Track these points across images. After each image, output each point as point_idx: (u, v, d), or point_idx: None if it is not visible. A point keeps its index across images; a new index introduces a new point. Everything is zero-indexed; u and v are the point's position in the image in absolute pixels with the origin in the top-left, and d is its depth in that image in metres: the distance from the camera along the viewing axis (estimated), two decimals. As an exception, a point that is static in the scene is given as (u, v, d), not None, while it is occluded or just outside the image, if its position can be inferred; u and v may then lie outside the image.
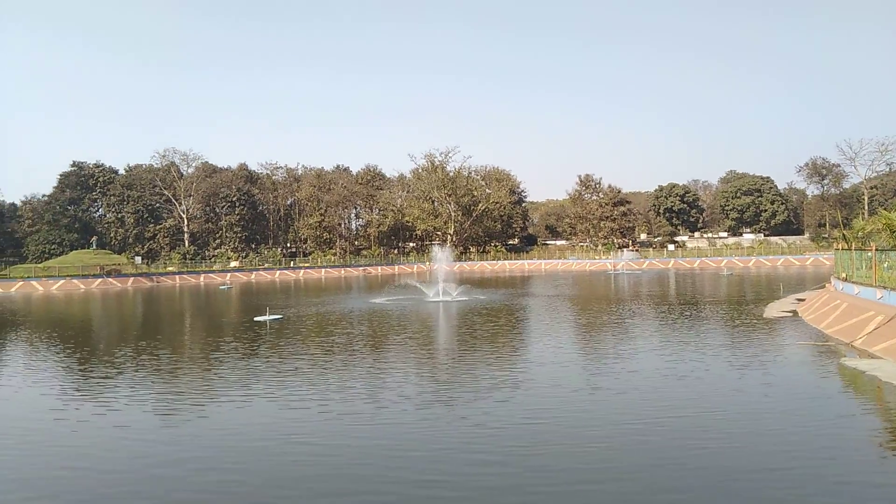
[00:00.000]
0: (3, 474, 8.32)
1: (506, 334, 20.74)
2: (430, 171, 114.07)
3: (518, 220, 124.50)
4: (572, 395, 11.83)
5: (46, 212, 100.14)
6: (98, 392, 13.21)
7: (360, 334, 21.81)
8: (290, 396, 12.19)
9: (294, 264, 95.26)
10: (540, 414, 10.49)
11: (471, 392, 12.10)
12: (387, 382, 13.26)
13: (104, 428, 10.45)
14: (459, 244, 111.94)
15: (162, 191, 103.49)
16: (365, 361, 15.96)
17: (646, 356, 15.62)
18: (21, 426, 10.72)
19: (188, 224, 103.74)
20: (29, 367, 17.03)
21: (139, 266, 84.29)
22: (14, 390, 13.86)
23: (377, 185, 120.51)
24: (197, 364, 16.58)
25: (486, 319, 24.85)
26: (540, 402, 11.27)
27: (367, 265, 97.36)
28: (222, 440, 9.54)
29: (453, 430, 9.66)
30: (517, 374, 13.70)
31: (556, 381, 12.97)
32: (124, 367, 16.21)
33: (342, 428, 9.93)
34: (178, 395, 12.76)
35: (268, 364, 15.92)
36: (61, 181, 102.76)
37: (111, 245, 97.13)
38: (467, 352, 17.17)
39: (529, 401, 11.40)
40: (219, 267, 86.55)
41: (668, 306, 28.94)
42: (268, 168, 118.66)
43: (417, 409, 10.95)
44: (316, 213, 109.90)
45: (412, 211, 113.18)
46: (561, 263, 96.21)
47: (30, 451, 9.28)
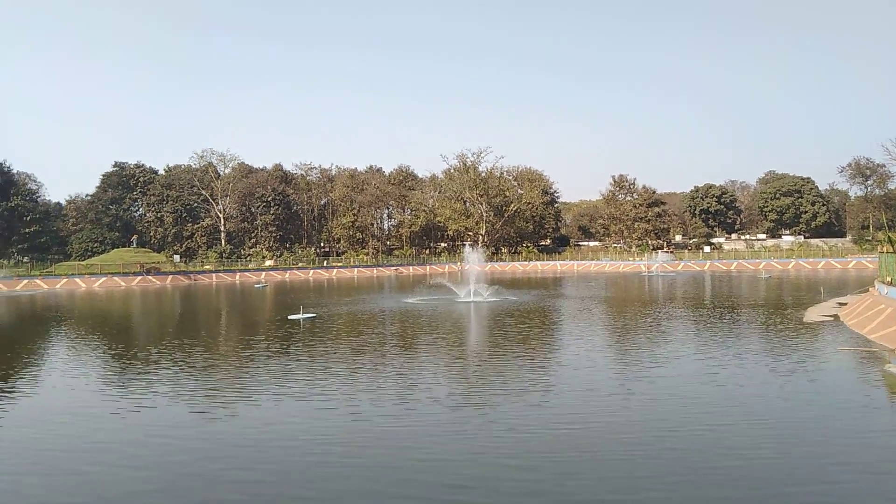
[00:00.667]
0: (46, 468, 8.50)
1: (537, 336, 20.51)
2: (462, 172, 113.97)
3: (550, 221, 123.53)
4: (606, 400, 11.57)
5: (89, 211, 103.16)
6: (136, 388, 13.46)
7: (392, 334, 21.86)
8: (320, 396, 12.23)
9: (327, 264, 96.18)
10: (572, 419, 10.27)
11: (502, 395, 11.94)
12: (417, 384, 13.21)
13: (138, 425, 10.62)
14: (491, 245, 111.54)
15: (200, 191, 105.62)
16: (396, 362, 15.96)
17: (682, 361, 15.25)
18: (62, 420, 10.97)
19: (225, 223, 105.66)
20: (72, 362, 17.48)
21: (177, 264, 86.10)
22: (57, 385, 14.22)
23: (409, 186, 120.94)
24: (232, 361, 16.78)
25: (518, 321, 24.63)
26: (572, 407, 11.04)
27: (398, 265, 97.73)
28: (252, 439, 9.58)
29: (483, 433, 9.53)
30: (549, 378, 13.49)
31: (589, 386, 12.71)
32: (162, 363, 16.51)
33: (371, 429, 9.89)
34: (212, 393, 12.92)
35: (300, 363, 16.05)
36: (104, 181, 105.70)
37: (151, 244, 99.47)
38: (498, 354, 16.99)
39: (562, 405, 11.19)
40: (254, 266, 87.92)
41: (705, 309, 28.30)
42: (302, 168, 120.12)
43: (448, 411, 10.87)
44: (349, 213, 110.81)
45: (444, 211, 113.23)
46: (594, 265, 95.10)
47: (66, 446, 9.49)
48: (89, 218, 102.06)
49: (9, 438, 9.98)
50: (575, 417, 10.37)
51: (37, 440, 9.78)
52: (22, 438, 9.94)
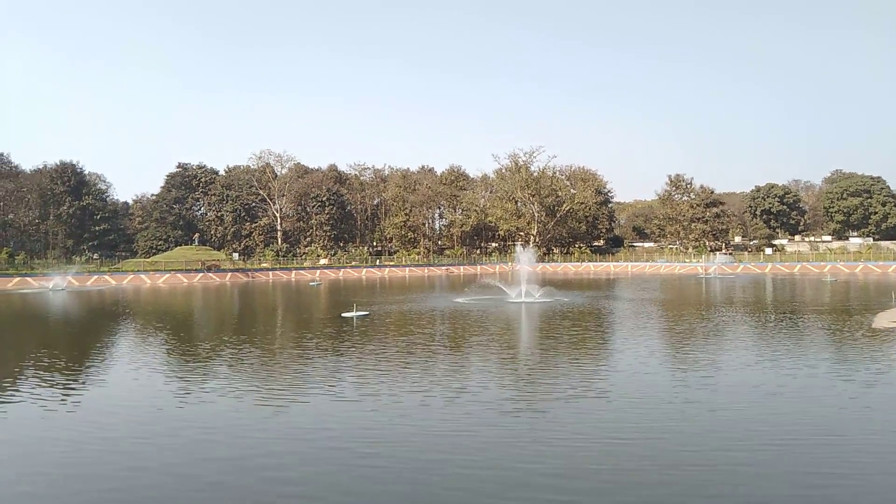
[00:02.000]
0: (111, 458, 9.02)
1: (590, 339, 20.21)
2: (513, 172, 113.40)
3: (604, 221, 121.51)
4: (662, 409, 11.09)
5: (154, 210, 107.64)
6: (194, 382, 14.06)
7: (442, 334, 22.03)
8: (370, 395, 12.33)
9: (380, 263, 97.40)
10: (625, 429, 9.85)
11: (552, 401, 11.69)
12: (467, 385, 13.15)
13: (194, 418, 11.12)
14: (543, 245, 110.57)
15: (258, 191, 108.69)
16: (446, 362, 16.03)
17: (743, 368, 14.68)
18: (124, 411, 11.60)
19: (281, 222, 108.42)
20: (137, 355, 18.37)
21: (236, 262, 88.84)
22: (123, 376, 15.00)
23: (461, 186, 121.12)
24: (287, 358, 17.30)
25: (570, 323, 24.40)
26: (625, 416, 10.59)
27: (449, 265, 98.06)
28: (299, 436, 9.80)
29: (530, 440, 9.29)
30: (601, 383, 13.10)
31: (643, 393, 12.31)
32: (220, 358, 17.17)
33: (418, 432, 9.84)
34: (267, 388, 13.35)
35: (352, 360, 16.37)
36: (168, 181, 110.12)
37: (211, 242, 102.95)
38: (550, 357, 16.86)
39: (614, 413, 10.80)
40: (309, 264, 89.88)
41: (766, 314, 27.32)
42: (356, 169, 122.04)
43: (497, 416, 10.70)
44: (401, 212, 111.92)
45: (495, 211, 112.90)
46: (649, 266, 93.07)
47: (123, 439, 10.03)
48: (154, 217, 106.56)
49: (74, 427, 10.60)
50: (628, 427, 9.92)
51: (97, 429, 10.38)
52: (84, 427, 10.55)
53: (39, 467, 8.50)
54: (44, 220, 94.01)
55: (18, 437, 9.99)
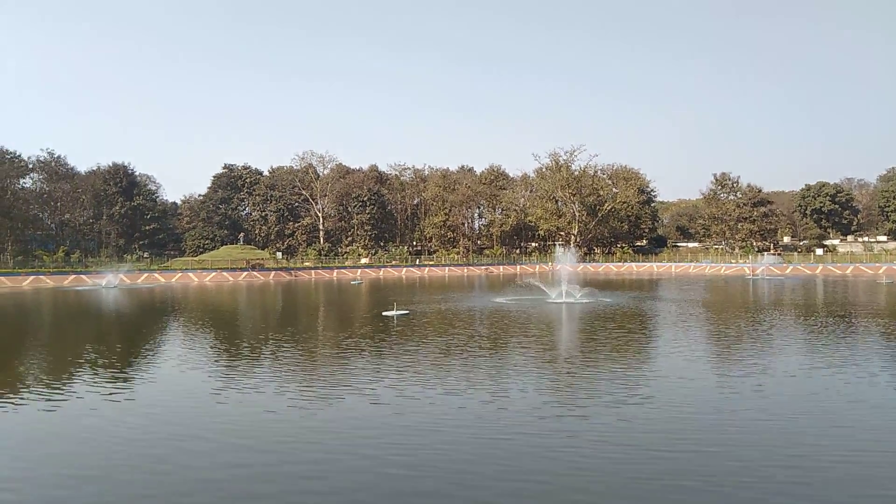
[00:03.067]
0: (161, 452, 9.34)
1: (632, 342, 19.89)
2: (554, 171, 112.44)
3: (646, 221, 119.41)
4: (709, 418, 10.60)
5: (201, 210, 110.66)
6: (238, 377, 14.40)
7: (482, 334, 22.00)
8: (408, 398, 12.33)
9: (419, 262, 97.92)
10: (671, 439, 9.37)
11: (593, 407, 11.35)
12: (506, 388, 13.01)
13: (236, 412, 11.40)
14: (583, 245, 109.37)
15: (300, 191, 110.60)
16: (485, 363, 15.97)
17: (795, 376, 14.04)
18: (173, 403, 11.98)
19: (323, 222, 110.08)
20: (184, 350, 18.94)
21: (280, 261, 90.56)
22: (171, 371, 15.49)
23: (500, 185, 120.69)
24: (328, 357, 17.55)
25: (612, 324, 24.06)
26: (670, 425, 10.09)
27: (489, 264, 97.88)
28: (334, 434, 9.93)
29: (569, 448, 9.01)
30: (644, 389, 12.67)
31: (688, 400, 11.73)
32: (264, 354, 17.56)
33: (453, 438, 9.71)
34: (308, 385, 13.57)
35: (392, 360, 16.49)
36: (214, 182, 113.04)
37: (256, 241, 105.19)
38: (590, 359, 16.64)
39: (658, 422, 10.30)
40: (350, 263, 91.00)
41: (818, 317, 26.40)
42: (396, 169, 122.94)
43: (535, 420, 10.51)
44: (441, 212, 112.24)
45: (535, 211, 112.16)
46: (693, 266, 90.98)
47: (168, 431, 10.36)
48: (201, 216, 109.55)
49: (121, 421, 10.99)
50: (671, 437, 9.47)
51: (145, 419, 10.76)
52: (134, 419, 10.94)
53: (86, 459, 8.86)
54: (97, 220, 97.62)
55: (68, 428, 10.41)
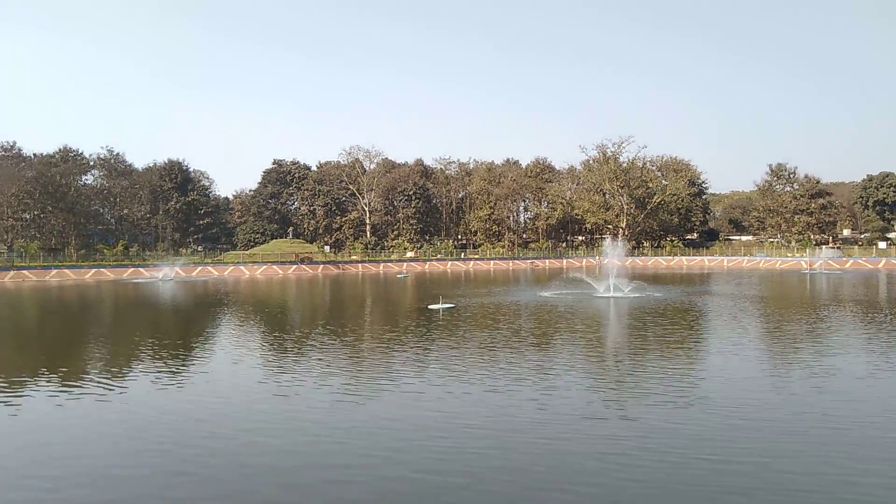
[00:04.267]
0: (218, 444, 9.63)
1: (684, 339, 19.39)
2: (601, 163, 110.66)
3: (697, 214, 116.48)
4: (767, 421, 9.92)
5: (252, 205, 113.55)
6: (287, 369, 14.73)
7: (528, 329, 21.89)
8: (451, 395, 12.26)
9: (464, 256, 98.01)
10: (724, 444, 8.85)
11: (641, 407, 10.90)
12: (552, 385, 12.81)
13: (282, 406, 11.65)
14: (632, 238, 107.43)
15: (347, 185, 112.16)
16: (531, 358, 15.81)
17: (860, 377, 13.29)
18: (225, 396, 12.35)
19: (370, 216, 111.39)
20: (236, 342, 19.50)
21: (328, 254, 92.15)
22: (223, 363, 15.98)
23: (546, 178, 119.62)
24: (376, 348, 17.76)
25: (662, 320, 23.58)
26: (724, 429, 9.55)
27: (534, 258, 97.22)
28: (377, 430, 9.97)
29: (615, 452, 8.59)
30: (696, 390, 12.14)
31: (744, 402, 11.07)
32: (313, 346, 17.90)
33: (496, 441, 9.49)
34: (356, 378, 13.77)
35: (437, 355, 16.58)
36: (264, 177, 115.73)
37: (304, 235, 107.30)
38: (639, 356, 16.29)
39: (711, 426, 9.71)
40: (396, 257, 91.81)
41: (881, 314, 25.14)
42: (441, 163, 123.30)
43: (579, 420, 10.16)
44: (486, 206, 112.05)
45: (582, 203, 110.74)
46: (746, 261, 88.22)
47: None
48: (252, 211, 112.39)
49: (176, 412, 11.39)
50: (728, 443, 8.92)
51: (194, 411, 11.11)
52: (186, 411, 11.32)
53: (141, 444, 9.22)
54: (154, 215, 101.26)
55: (128, 416, 10.85)
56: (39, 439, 9.59)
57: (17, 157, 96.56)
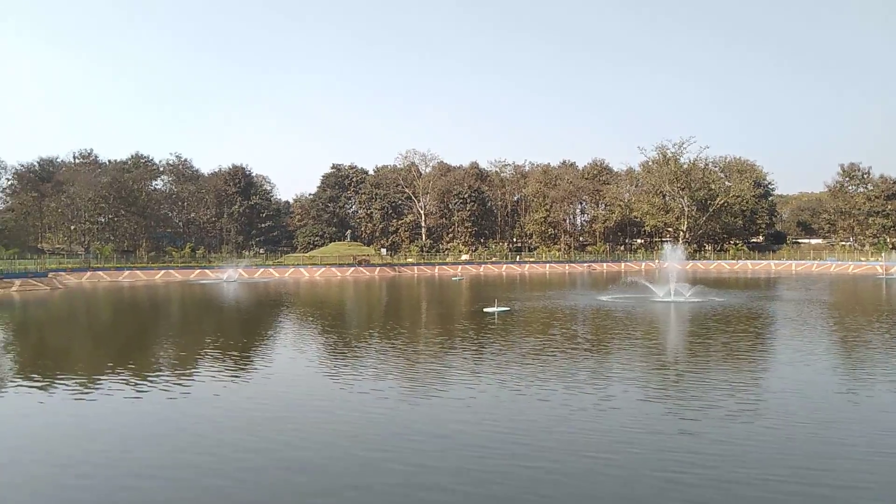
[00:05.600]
0: (289, 438, 9.97)
1: (748, 346, 18.71)
2: (661, 164, 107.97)
3: (763, 216, 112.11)
4: (841, 439, 9.22)
5: (312, 208, 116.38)
6: (346, 368, 15.04)
7: (585, 333, 21.64)
8: (506, 400, 12.19)
9: (520, 259, 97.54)
10: (794, 464, 8.22)
11: (703, 420, 10.38)
12: (608, 392, 12.52)
13: (344, 402, 11.91)
14: (693, 241, 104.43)
15: (404, 189, 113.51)
16: (587, 366, 15.54)
17: None
18: (287, 391, 12.73)
19: (425, 219, 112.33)
20: (297, 341, 20.06)
21: (384, 257, 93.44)
22: (284, 361, 16.47)
23: (604, 180, 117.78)
24: (432, 351, 17.91)
25: (724, 326, 22.83)
26: (792, 445, 8.91)
27: (591, 261, 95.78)
28: (426, 430, 10.09)
29: (672, 467, 8.19)
30: (762, 403, 11.51)
31: (807, 417, 10.43)
32: (372, 346, 18.24)
33: (552, 434, 9.55)
34: (412, 378, 13.96)
35: (493, 358, 16.59)
36: (323, 181, 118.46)
37: (361, 238, 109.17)
38: (700, 364, 15.83)
39: (778, 441, 9.14)
40: (451, 259, 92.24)
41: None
42: (496, 165, 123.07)
43: (638, 434, 9.71)
44: (541, 208, 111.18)
45: (641, 206, 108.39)
46: (816, 265, 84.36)
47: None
48: (311, 214, 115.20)
49: (242, 407, 11.80)
50: (800, 462, 8.31)
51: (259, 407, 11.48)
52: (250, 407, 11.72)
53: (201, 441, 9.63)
54: (219, 218, 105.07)
55: (193, 412, 11.35)
56: (116, 431, 10.15)
57: (93, 164, 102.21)
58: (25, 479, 8.13)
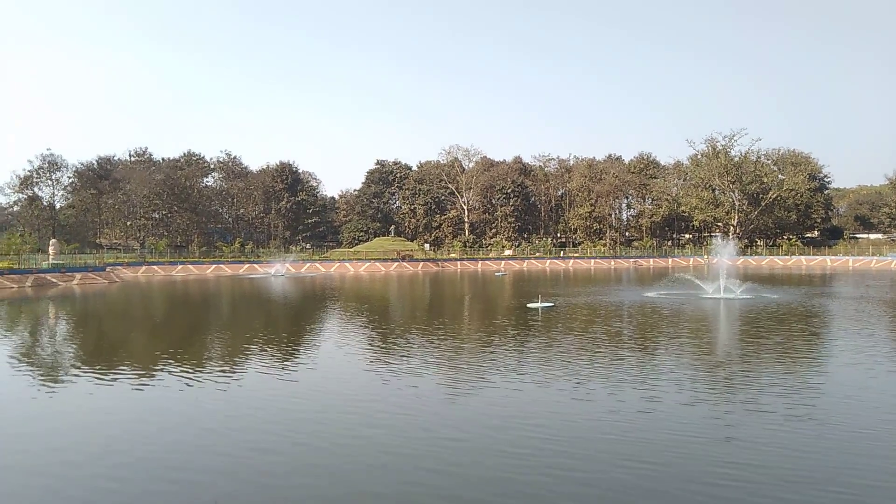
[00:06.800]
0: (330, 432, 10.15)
1: (801, 346, 17.99)
2: (710, 157, 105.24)
3: (819, 210, 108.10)
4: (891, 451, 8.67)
5: (356, 204, 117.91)
6: (391, 362, 15.18)
7: (630, 331, 21.28)
8: (551, 399, 12.04)
9: (564, 254, 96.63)
10: (845, 476, 7.76)
11: (753, 426, 9.81)
12: (655, 392, 12.20)
13: (391, 397, 12.04)
14: (744, 236, 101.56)
15: (447, 184, 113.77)
16: (632, 362, 15.29)
17: None
18: (328, 389, 12.95)
19: (468, 214, 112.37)
20: (343, 335, 20.36)
21: (427, 252, 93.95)
22: (332, 355, 16.74)
23: (651, 174, 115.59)
24: (477, 344, 17.94)
25: (777, 324, 22.06)
26: (849, 457, 8.35)
27: (637, 257, 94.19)
28: (458, 430, 10.06)
29: (716, 480, 7.73)
30: (817, 405, 10.93)
31: (864, 423, 9.86)
32: (415, 342, 18.36)
33: (590, 438, 9.37)
34: (455, 372, 13.99)
35: (537, 354, 16.49)
36: (368, 177, 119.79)
37: (405, 233, 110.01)
38: (751, 364, 15.23)
39: (835, 451, 8.64)
40: (494, 255, 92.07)
41: None
42: (540, 160, 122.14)
43: (681, 438, 9.27)
44: (586, 203, 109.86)
45: (689, 200, 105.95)
46: (875, 261, 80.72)
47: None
48: (356, 210, 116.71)
49: (278, 405, 12.05)
50: (846, 473, 7.84)
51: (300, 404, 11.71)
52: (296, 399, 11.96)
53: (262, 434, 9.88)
54: (267, 214, 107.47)
55: (242, 405, 11.66)
56: (166, 417, 10.53)
57: (148, 162, 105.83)
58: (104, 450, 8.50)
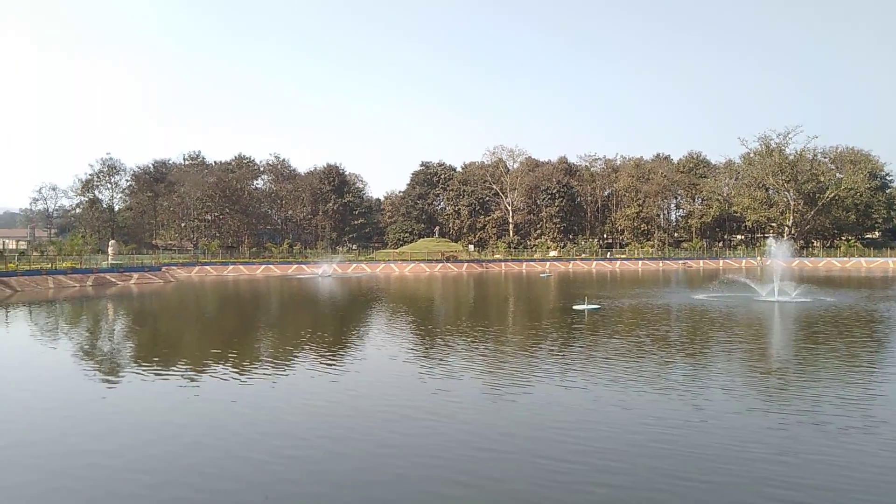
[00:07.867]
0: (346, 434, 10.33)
1: (861, 352, 17.22)
2: (764, 156, 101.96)
3: (879, 210, 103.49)
4: None
5: (401, 205, 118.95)
6: (434, 365, 15.30)
7: (678, 334, 20.86)
8: (597, 403, 11.85)
9: (610, 255, 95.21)
10: None
11: (811, 433, 9.47)
12: (705, 398, 11.84)
13: (431, 400, 12.14)
14: (799, 237, 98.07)
15: (491, 185, 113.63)
16: (680, 368, 14.87)
17: None
18: (369, 391, 13.14)
19: (513, 215, 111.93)
20: (388, 336, 20.60)
21: (472, 253, 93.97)
22: (376, 356, 16.99)
23: (700, 173, 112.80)
24: (518, 347, 17.90)
25: (836, 329, 21.23)
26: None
27: (687, 258, 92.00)
28: (498, 435, 10.03)
29: (770, 484, 7.51)
30: (879, 417, 10.26)
31: None
32: (460, 343, 18.45)
33: (633, 448, 9.05)
34: (501, 375, 14.00)
35: (583, 356, 16.33)
36: (413, 179, 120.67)
37: (449, 234, 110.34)
38: (809, 371, 14.66)
39: (886, 457, 8.36)
40: (539, 256, 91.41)
41: None
42: (586, 160, 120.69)
43: (733, 446, 8.93)
44: (633, 203, 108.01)
45: (741, 200, 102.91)
46: (944, 263, 76.95)
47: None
48: (401, 211, 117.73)
49: (322, 408, 12.27)
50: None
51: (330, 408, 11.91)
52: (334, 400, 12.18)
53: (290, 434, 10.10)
54: (314, 216, 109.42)
55: (286, 405, 11.95)
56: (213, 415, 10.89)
57: (201, 165, 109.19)
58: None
